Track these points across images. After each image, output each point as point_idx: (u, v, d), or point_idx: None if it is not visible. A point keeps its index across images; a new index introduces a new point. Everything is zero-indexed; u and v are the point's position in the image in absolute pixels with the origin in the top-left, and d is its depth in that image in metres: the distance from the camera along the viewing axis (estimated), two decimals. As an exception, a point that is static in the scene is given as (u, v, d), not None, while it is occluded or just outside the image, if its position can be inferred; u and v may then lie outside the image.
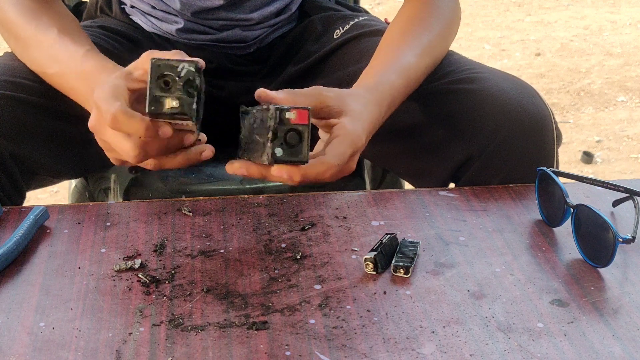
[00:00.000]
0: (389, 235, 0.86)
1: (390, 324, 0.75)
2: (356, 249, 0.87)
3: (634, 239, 0.83)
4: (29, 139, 1.00)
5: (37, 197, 2.48)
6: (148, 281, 0.81)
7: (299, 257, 0.85)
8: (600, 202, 0.96)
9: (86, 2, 1.30)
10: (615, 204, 0.94)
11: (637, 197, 0.90)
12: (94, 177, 1.29)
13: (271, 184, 1.20)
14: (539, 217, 0.93)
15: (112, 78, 0.87)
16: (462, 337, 0.74)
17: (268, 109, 0.81)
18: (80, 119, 1.02)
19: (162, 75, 0.82)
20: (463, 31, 3.89)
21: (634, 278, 0.82)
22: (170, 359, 0.71)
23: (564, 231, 0.90)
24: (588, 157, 2.84)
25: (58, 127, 1.03)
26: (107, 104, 0.83)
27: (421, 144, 1.06)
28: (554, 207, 0.90)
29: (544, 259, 0.86)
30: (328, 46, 1.18)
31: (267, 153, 0.81)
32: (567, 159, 2.85)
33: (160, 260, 0.85)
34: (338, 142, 0.87)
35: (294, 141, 0.81)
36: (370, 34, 1.16)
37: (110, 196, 1.24)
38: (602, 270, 0.83)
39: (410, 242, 0.86)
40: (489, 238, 0.89)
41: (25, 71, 1.03)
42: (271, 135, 0.81)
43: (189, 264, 0.84)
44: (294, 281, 0.81)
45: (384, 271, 0.83)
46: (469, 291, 0.80)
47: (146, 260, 0.84)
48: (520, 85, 1.03)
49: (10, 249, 0.83)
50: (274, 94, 0.87)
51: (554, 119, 1.03)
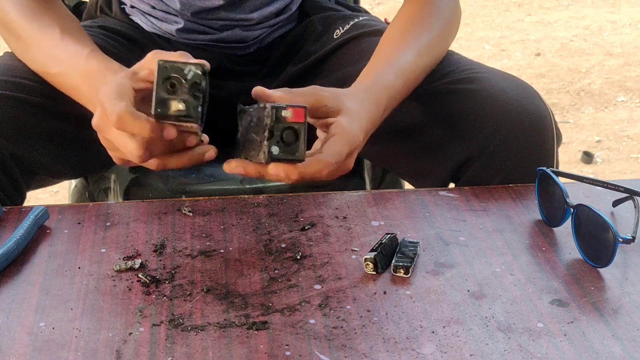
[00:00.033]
0: (389, 235, 0.86)
1: (390, 324, 0.75)
2: (356, 249, 0.87)
3: (634, 239, 0.83)
4: (29, 139, 1.00)
5: (37, 197, 2.48)
6: (148, 281, 0.81)
7: (299, 257, 0.85)
8: (600, 202, 0.96)
9: (86, 2, 1.30)
10: (615, 204, 0.94)
11: (637, 197, 0.90)
12: (94, 177, 1.28)
13: (271, 184, 1.20)
14: (539, 217, 0.93)
15: (117, 78, 0.87)
16: (462, 337, 0.74)
17: (264, 107, 0.81)
18: (81, 119, 1.03)
19: (169, 77, 0.82)
20: (463, 31, 3.89)
21: (634, 278, 0.82)
22: (170, 359, 0.71)
23: (564, 231, 0.90)
24: (588, 157, 2.84)
25: (58, 127, 1.03)
26: (112, 104, 0.83)
27: (421, 144, 1.06)
28: (554, 207, 0.90)
29: (544, 259, 0.86)
30: (328, 46, 1.18)
31: (264, 151, 0.81)
32: (567, 159, 2.85)
33: (160, 260, 0.85)
34: (335, 141, 0.87)
35: (291, 139, 0.81)
36: (370, 34, 1.16)
37: (110, 196, 1.24)
38: (602, 270, 0.83)
39: (410, 242, 0.86)
40: (489, 238, 0.89)
41: (25, 71, 1.03)
42: (267, 134, 0.81)
43: (189, 264, 0.84)
44: (294, 281, 0.81)
45: (384, 271, 0.83)
46: (469, 291, 0.80)
47: (146, 260, 0.84)
48: (520, 85, 1.03)
49: (10, 249, 0.83)
50: (271, 92, 0.87)
51: (553, 119, 1.03)
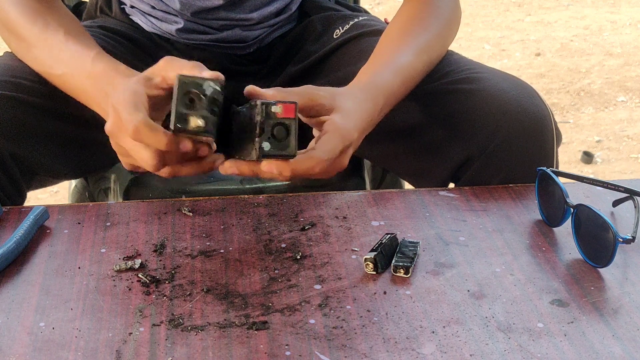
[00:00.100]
0: (389, 235, 0.86)
1: (390, 324, 0.75)
2: (356, 249, 0.87)
3: (634, 239, 0.83)
4: (29, 139, 1.00)
5: (37, 197, 2.48)
6: (148, 281, 0.81)
7: (299, 257, 0.85)
8: (600, 202, 0.96)
9: (86, 2, 1.30)
10: (615, 204, 0.94)
11: (637, 197, 0.90)
12: (94, 177, 1.29)
13: (271, 183, 1.20)
14: (539, 217, 0.93)
15: (131, 83, 0.87)
16: (462, 337, 0.74)
17: (255, 104, 0.82)
18: (81, 120, 1.03)
19: (188, 92, 0.82)
20: (463, 31, 3.89)
21: (634, 278, 0.82)
22: (170, 359, 0.71)
23: (564, 231, 0.90)
24: (588, 157, 2.84)
25: (58, 127, 1.03)
26: (129, 114, 0.82)
27: (421, 144, 1.06)
28: (554, 207, 0.90)
29: (544, 259, 0.86)
30: (328, 46, 1.18)
31: (255, 148, 0.81)
32: (567, 159, 2.85)
33: (160, 260, 0.85)
34: (327, 138, 0.87)
35: (281, 135, 0.81)
36: (370, 34, 1.16)
37: (110, 196, 1.24)
38: (602, 270, 0.83)
39: (410, 242, 0.86)
40: (489, 238, 0.89)
41: (25, 71, 1.03)
42: (258, 130, 0.81)
43: (189, 264, 0.84)
44: (294, 281, 0.81)
45: (384, 271, 0.83)
46: (469, 291, 0.80)
47: (146, 260, 0.84)
48: (520, 86, 1.03)
49: (10, 249, 0.83)
50: (263, 90, 0.87)
51: (553, 119, 1.03)
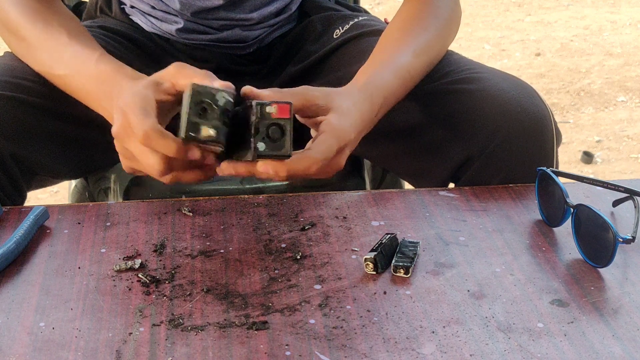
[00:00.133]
0: (389, 235, 0.86)
1: (390, 324, 0.75)
2: (356, 249, 0.87)
3: (634, 239, 0.83)
4: (29, 140, 1.00)
5: (37, 197, 2.48)
6: (148, 281, 0.81)
7: (299, 257, 0.85)
8: (600, 202, 0.96)
9: (86, 2, 1.30)
10: (615, 204, 0.94)
11: (637, 197, 0.90)
12: (94, 177, 1.28)
13: (271, 183, 1.20)
14: (539, 217, 0.93)
15: (140, 87, 0.86)
16: (462, 337, 0.74)
17: (250, 105, 0.82)
18: (81, 120, 1.03)
19: (200, 101, 0.82)
20: (463, 31, 3.89)
21: (634, 278, 0.82)
22: (170, 359, 0.71)
23: (564, 231, 0.90)
24: (588, 157, 2.84)
25: (58, 128, 1.03)
26: (138, 119, 0.82)
27: (421, 144, 1.06)
28: (554, 207, 0.90)
29: (544, 259, 0.86)
30: (328, 46, 1.18)
31: (251, 148, 0.81)
32: (567, 159, 2.85)
33: (160, 260, 0.85)
34: (323, 138, 0.87)
35: (277, 135, 0.81)
36: (370, 34, 1.16)
37: (110, 196, 1.24)
38: (602, 270, 0.83)
39: (410, 242, 0.86)
40: (489, 238, 0.89)
41: (25, 72, 1.03)
42: (253, 130, 0.81)
43: (189, 264, 0.84)
44: (294, 281, 0.81)
45: (384, 271, 0.83)
46: (469, 291, 0.80)
47: (146, 260, 0.84)
48: (519, 86, 1.03)
49: (10, 249, 0.83)
50: (259, 90, 0.87)
51: (553, 119, 1.03)
